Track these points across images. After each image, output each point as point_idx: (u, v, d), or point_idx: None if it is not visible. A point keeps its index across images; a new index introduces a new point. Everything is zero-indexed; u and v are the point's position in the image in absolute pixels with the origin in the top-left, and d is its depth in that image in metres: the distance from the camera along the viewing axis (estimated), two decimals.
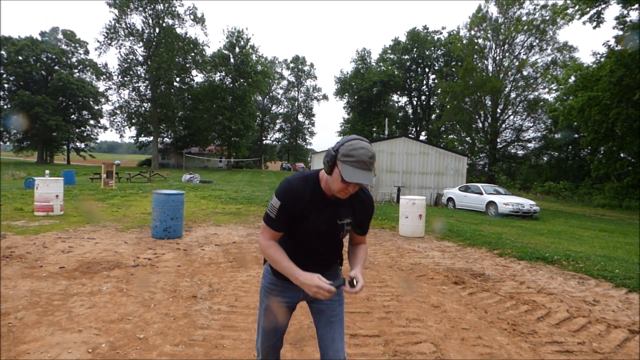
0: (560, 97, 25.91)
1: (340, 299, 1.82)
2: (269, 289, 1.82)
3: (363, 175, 1.48)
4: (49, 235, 6.42)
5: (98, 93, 48.46)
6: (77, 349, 2.73)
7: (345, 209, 1.67)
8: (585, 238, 9.41)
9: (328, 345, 1.76)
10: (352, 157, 1.48)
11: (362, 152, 1.49)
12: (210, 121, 50.89)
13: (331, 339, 1.76)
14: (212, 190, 16.50)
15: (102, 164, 17.29)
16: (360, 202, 1.71)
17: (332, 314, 1.78)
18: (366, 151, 1.49)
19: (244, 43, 52.10)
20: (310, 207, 1.61)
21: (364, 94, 51.47)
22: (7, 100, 42.62)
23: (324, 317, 1.78)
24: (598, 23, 19.77)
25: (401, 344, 3.05)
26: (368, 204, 1.74)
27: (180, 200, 6.77)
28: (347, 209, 1.68)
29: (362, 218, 1.74)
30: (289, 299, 1.80)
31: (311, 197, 1.61)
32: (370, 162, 1.50)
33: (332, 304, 1.78)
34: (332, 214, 1.65)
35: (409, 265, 5.66)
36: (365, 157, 1.48)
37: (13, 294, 3.69)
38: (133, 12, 43.97)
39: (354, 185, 1.53)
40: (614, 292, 4.72)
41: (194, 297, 3.91)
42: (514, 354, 2.97)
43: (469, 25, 40.08)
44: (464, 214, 13.57)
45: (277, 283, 1.79)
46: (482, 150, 40.35)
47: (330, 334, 1.76)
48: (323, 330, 1.78)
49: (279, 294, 1.79)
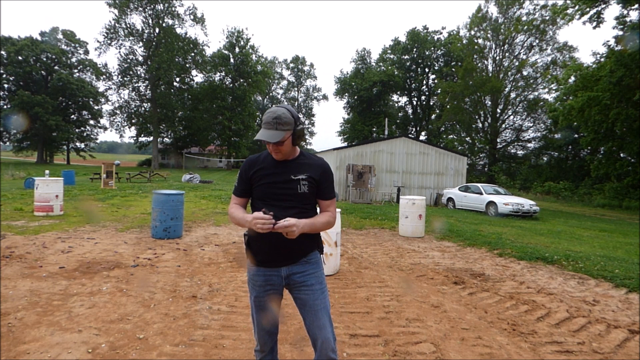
0: (560, 97, 25.89)
1: (322, 288, 1.91)
2: (252, 280, 1.94)
3: (267, 133, 1.75)
4: (49, 235, 6.42)
5: (98, 93, 48.39)
6: (77, 349, 2.73)
7: (298, 168, 1.88)
8: (585, 238, 9.41)
9: (317, 333, 1.86)
10: (263, 120, 1.79)
11: (269, 114, 1.78)
12: (210, 121, 50.86)
13: (318, 326, 1.86)
14: (212, 190, 16.50)
15: (102, 164, 17.29)
16: (314, 163, 1.91)
17: (316, 303, 1.87)
18: (272, 113, 1.77)
19: (244, 43, 52.06)
20: (264, 168, 1.87)
21: (364, 94, 51.43)
22: (7, 100, 42.56)
23: (308, 307, 1.88)
24: (598, 23, 19.77)
25: (401, 344, 3.05)
26: (318, 164, 1.92)
27: (180, 200, 6.77)
28: (301, 168, 1.88)
29: (318, 178, 1.89)
30: (272, 285, 1.90)
31: (264, 162, 1.90)
32: (275, 122, 1.74)
33: (314, 293, 1.88)
34: (286, 172, 1.86)
35: (409, 265, 5.66)
36: (269, 118, 1.76)
37: (13, 294, 3.69)
38: (133, 12, 43.96)
39: (273, 145, 1.78)
40: (614, 292, 4.72)
41: (194, 297, 3.91)
42: (513, 354, 2.97)
43: (469, 25, 40.10)
44: (464, 214, 13.57)
45: (259, 272, 1.90)
46: (482, 150, 40.35)
47: (316, 322, 1.86)
48: (310, 320, 1.88)
49: (262, 283, 1.90)
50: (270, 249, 1.84)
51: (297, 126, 1.82)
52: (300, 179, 1.85)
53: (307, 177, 1.86)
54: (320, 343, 1.84)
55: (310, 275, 1.89)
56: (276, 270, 1.88)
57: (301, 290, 1.89)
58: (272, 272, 1.88)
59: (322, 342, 1.84)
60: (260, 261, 1.89)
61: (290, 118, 1.79)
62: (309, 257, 1.91)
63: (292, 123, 1.79)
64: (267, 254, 1.86)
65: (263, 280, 1.90)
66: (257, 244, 1.87)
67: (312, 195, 1.89)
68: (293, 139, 1.83)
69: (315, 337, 1.86)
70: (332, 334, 1.88)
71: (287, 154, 1.87)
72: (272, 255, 1.86)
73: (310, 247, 1.92)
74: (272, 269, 1.88)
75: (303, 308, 1.90)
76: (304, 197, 1.86)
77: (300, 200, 1.85)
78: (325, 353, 1.84)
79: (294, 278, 1.88)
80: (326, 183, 1.93)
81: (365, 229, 8.90)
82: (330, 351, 1.84)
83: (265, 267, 1.89)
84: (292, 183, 1.85)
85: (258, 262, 1.89)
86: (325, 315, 1.87)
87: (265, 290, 1.90)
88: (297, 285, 1.89)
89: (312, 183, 1.87)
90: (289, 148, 1.84)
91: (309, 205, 1.91)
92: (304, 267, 1.89)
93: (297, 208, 1.84)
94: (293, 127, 1.81)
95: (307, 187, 1.86)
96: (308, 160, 1.92)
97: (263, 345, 2.00)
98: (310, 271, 1.89)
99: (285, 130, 1.77)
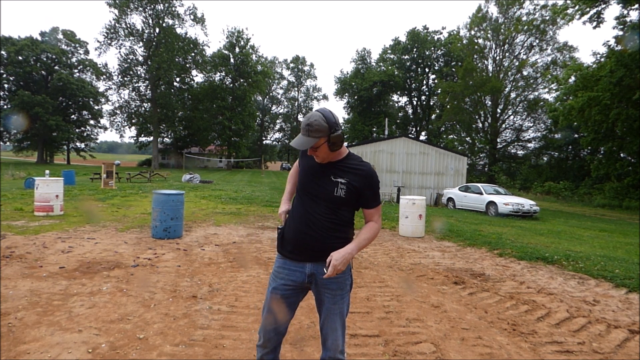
0: (560, 97, 25.90)
1: (342, 293, 1.91)
2: (276, 271, 1.96)
3: (299, 140, 1.76)
4: (49, 235, 6.41)
5: (98, 93, 48.42)
6: (77, 349, 2.72)
7: (341, 171, 1.86)
8: (585, 238, 9.41)
9: (328, 332, 1.90)
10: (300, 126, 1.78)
11: (304, 120, 1.77)
12: (210, 121, 50.87)
13: (331, 328, 1.89)
14: (212, 190, 16.50)
15: (102, 164, 17.29)
16: (356, 170, 1.87)
17: (334, 307, 1.89)
18: (306, 119, 1.76)
19: (244, 43, 52.07)
20: (311, 161, 1.90)
21: (364, 94, 51.45)
22: (7, 100, 42.59)
23: (325, 308, 1.91)
24: (598, 23, 19.78)
25: (401, 344, 3.05)
26: (362, 172, 1.87)
27: (180, 200, 6.77)
28: (344, 172, 1.86)
29: (359, 185, 1.85)
30: (294, 282, 1.91)
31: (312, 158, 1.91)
32: (307, 129, 1.74)
33: (334, 297, 1.89)
34: (328, 172, 1.86)
35: (409, 265, 5.66)
36: (303, 124, 1.76)
37: (13, 294, 3.69)
38: (133, 12, 43.98)
39: (311, 150, 1.80)
40: (614, 292, 4.72)
41: (194, 297, 3.91)
42: (514, 354, 2.96)
43: (469, 25, 40.11)
44: (464, 214, 13.56)
45: (285, 265, 1.92)
46: (482, 150, 40.36)
47: (330, 324, 1.89)
48: (324, 320, 1.91)
49: (285, 277, 1.92)
50: (297, 240, 1.88)
51: (333, 132, 1.76)
52: (340, 182, 1.83)
53: (347, 183, 1.83)
54: (329, 343, 1.89)
55: (333, 279, 1.87)
56: (301, 266, 1.89)
57: (321, 291, 1.90)
58: (296, 267, 1.90)
59: (332, 343, 1.88)
60: (288, 252, 1.92)
61: (323, 125, 1.74)
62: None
63: (325, 130, 1.74)
64: (294, 244, 1.89)
65: (286, 274, 1.91)
66: (287, 232, 1.92)
67: (350, 201, 1.86)
68: (329, 145, 1.79)
69: (326, 337, 1.91)
70: (343, 338, 1.90)
71: (328, 157, 1.85)
72: (298, 247, 1.88)
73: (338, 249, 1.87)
74: (298, 264, 1.90)
75: (320, 307, 1.93)
76: (338, 200, 1.84)
77: (333, 202, 1.84)
78: (334, 353, 1.88)
79: (317, 277, 1.88)
80: (370, 191, 1.89)
81: None
82: (339, 352, 1.88)
83: (291, 259, 1.91)
84: (330, 184, 1.84)
85: (286, 253, 1.93)
86: (340, 320, 1.90)
87: (285, 284, 1.90)
88: (319, 286, 1.89)
89: (350, 189, 1.83)
90: (326, 153, 1.82)
91: (344, 209, 1.88)
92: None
93: (329, 209, 1.84)
94: (327, 134, 1.75)
95: (345, 192, 1.83)
96: (354, 165, 1.88)
97: (267, 342, 1.96)
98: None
99: (317, 138, 1.74)
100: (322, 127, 1.74)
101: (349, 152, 1.93)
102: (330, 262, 1.74)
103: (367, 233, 1.87)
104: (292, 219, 1.91)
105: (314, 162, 1.89)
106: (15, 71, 41.64)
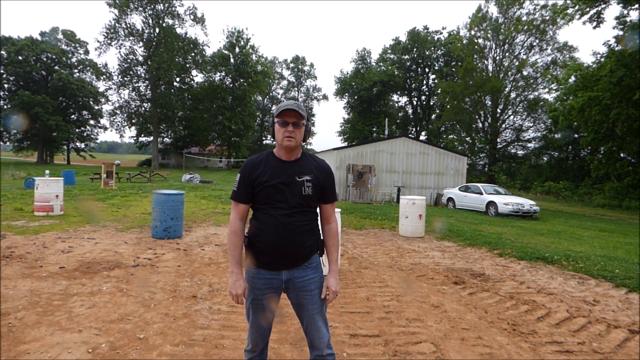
0: (560, 97, 25.88)
1: (320, 292, 1.92)
2: (252, 282, 1.89)
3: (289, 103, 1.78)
4: (49, 235, 6.42)
5: (98, 93, 48.40)
6: (77, 349, 2.72)
7: (302, 169, 1.86)
8: (585, 238, 9.41)
9: (314, 333, 1.91)
10: (280, 107, 1.80)
11: (287, 101, 1.81)
12: (210, 121, 50.89)
13: (315, 328, 1.90)
14: (212, 190, 16.50)
15: (102, 164, 17.29)
16: (317, 165, 1.91)
17: (314, 307, 1.90)
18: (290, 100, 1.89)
19: (244, 43, 52.09)
20: (267, 170, 1.83)
21: (364, 94, 51.43)
22: (7, 100, 42.56)
23: (305, 311, 1.91)
24: (598, 23, 19.76)
25: (401, 344, 3.05)
26: (321, 166, 1.93)
27: (180, 200, 6.77)
28: (304, 169, 1.86)
29: (322, 180, 1.89)
30: (271, 289, 1.88)
31: (266, 163, 1.86)
32: (295, 104, 1.78)
33: (313, 297, 1.90)
34: (291, 173, 1.83)
35: (409, 265, 5.66)
36: (289, 102, 1.80)
37: (13, 294, 3.69)
38: (133, 12, 43.97)
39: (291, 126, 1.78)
40: (614, 292, 4.72)
41: (194, 297, 3.91)
42: (514, 354, 2.96)
43: (469, 25, 40.08)
44: (464, 214, 13.56)
45: (259, 275, 1.88)
46: (482, 150, 40.33)
47: (313, 325, 1.90)
48: (307, 322, 1.91)
49: (262, 286, 1.87)
50: (272, 252, 1.82)
51: (308, 121, 1.88)
52: (305, 180, 1.83)
53: (312, 179, 1.85)
54: (317, 343, 1.91)
55: (310, 280, 1.89)
56: (277, 274, 1.86)
57: (300, 295, 1.89)
58: (272, 275, 1.86)
59: (319, 342, 1.90)
60: (261, 263, 1.85)
61: (305, 111, 1.84)
62: (310, 262, 1.90)
63: (305, 116, 1.83)
64: (269, 256, 1.84)
65: (263, 283, 1.86)
66: (259, 246, 1.84)
67: (315, 197, 1.88)
68: (305, 131, 1.86)
69: (312, 338, 1.92)
70: (327, 332, 1.93)
71: (297, 146, 1.85)
72: (275, 259, 1.84)
73: (311, 251, 1.91)
74: (273, 272, 1.86)
75: (300, 311, 1.92)
76: (308, 199, 1.84)
77: (304, 201, 1.83)
78: (322, 351, 1.89)
79: (294, 282, 1.88)
80: (330, 185, 1.94)
81: (365, 229, 8.90)
82: (326, 347, 1.90)
83: (266, 269, 1.86)
84: (296, 185, 1.82)
85: (259, 264, 1.86)
86: (321, 318, 1.92)
87: (264, 293, 1.87)
88: (297, 290, 1.89)
89: (315, 184, 1.85)
90: (301, 138, 1.85)
91: (313, 207, 1.89)
92: (304, 272, 1.88)
93: (300, 213, 1.82)
94: (306, 120, 1.85)
95: (312, 189, 1.84)
96: (311, 161, 1.91)
97: (255, 346, 1.99)
98: (310, 276, 1.89)
99: (304, 117, 1.81)
100: (305, 112, 1.83)
101: (303, 151, 1.97)
102: (330, 290, 1.88)
103: (332, 239, 1.95)
104: (263, 232, 1.81)
105: (271, 170, 1.82)
106: (15, 71, 41.61)
